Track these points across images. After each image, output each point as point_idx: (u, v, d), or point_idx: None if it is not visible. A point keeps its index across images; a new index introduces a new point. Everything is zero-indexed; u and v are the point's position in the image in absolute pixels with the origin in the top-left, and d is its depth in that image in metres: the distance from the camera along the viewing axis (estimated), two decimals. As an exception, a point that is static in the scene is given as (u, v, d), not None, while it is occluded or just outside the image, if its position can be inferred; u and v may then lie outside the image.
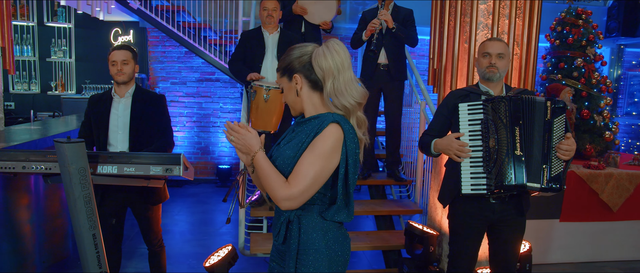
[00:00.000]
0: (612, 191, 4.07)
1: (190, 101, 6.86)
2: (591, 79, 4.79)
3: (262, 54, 3.50)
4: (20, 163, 2.07)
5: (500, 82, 2.37)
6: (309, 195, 1.41)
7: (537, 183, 2.16)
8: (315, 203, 1.48)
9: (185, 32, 5.49)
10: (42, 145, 2.97)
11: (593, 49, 4.87)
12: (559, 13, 5.07)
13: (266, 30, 3.54)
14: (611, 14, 6.86)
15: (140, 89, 2.70)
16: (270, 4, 3.46)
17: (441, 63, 3.11)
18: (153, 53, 6.80)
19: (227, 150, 7.01)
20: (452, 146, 2.26)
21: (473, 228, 2.38)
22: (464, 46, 2.98)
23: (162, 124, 2.68)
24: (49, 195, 3.23)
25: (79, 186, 2.01)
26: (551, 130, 2.15)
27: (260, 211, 3.54)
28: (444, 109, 2.42)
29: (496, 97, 2.22)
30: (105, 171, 2.10)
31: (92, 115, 2.65)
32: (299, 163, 1.41)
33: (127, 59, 2.60)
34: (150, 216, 2.74)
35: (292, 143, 1.48)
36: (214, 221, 5.13)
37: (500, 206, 2.32)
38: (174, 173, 2.10)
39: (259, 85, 3.18)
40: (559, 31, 4.98)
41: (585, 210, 4.06)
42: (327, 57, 1.44)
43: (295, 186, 1.38)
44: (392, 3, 3.79)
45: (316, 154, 1.40)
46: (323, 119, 1.45)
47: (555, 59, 4.98)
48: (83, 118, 2.71)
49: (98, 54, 6.68)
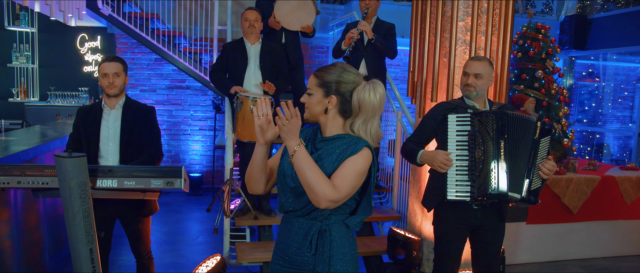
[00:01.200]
0: (572, 195, 4.36)
1: (160, 108, 6.74)
2: (551, 89, 5.12)
3: (244, 64, 3.53)
4: (15, 178, 2.01)
5: (483, 97, 2.53)
6: (343, 202, 1.54)
7: (518, 194, 2.33)
8: (339, 213, 1.61)
9: (160, 41, 5.41)
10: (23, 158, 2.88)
11: (552, 62, 5.20)
12: (521, 27, 5.39)
13: (248, 40, 3.58)
14: (563, 28, 7.33)
15: (130, 101, 2.67)
16: (251, 14, 3.51)
17: (422, 76, 3.26)
18: (121, 60, 6.64)
19: (198, 158, 6.94)
20: (437, 158, 2.39)
21: (457, 232, 2.52)
22: (444, 60, 3.14)
23: (151, 135, 2.67)
24: (26, 208, 3.12)
25: (78, 201, 1.98)
26: (537, 148, 2.32)
27: (245, 221, 3.56)
28: (431, 120, 2.55)
29: (484, 112, 2.37)
30: (105, 185, 2.07)
31: (81, 126, 2.60)
32: (341, 173, 1.52)
33: (118, 71, 2.58)
34: (140, 228, 2.72)
35: (329, 160, 1.57)
36: (189, 231, 5.07)
37: (482, 213, 2.47)
38: (175, 186, 2.11)
39: (245, 96, 3.22)
40: (521, 44, 5.29)
41: (548, 213, 4.34)
42: (370, 96, 1.54)
43: (341, 191, 1.49)
44: (374, 16, 3.92)
45: (356, 170, 1.52)
46: (355, 141, 1.57)
47: (517, 71, 5.28)
48: (59, 127, 2.65)
49: (63, 60, 6.46)
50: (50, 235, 3.49)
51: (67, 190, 1.96)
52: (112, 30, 6.45)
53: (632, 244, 4.67)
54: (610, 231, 4.57)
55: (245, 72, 3.51)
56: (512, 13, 3.08)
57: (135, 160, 2.58)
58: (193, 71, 5.57)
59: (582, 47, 7.26)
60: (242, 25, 3.53)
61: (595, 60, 7.98)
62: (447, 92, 3.09)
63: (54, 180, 2.04)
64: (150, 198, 2.36)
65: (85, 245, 2.09)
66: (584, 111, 8.11)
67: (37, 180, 2.03)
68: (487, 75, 2.48)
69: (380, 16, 4.02)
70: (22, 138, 3.28)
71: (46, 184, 2.04)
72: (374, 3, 3.81)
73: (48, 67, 6.44)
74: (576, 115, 8.13)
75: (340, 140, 1.59)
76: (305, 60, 6.39)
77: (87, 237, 2.08)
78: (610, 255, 4.59)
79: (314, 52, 7.10)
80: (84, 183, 1.97)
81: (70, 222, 2.04)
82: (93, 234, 2.09)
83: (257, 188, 1.67)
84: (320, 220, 1.60)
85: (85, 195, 1.99)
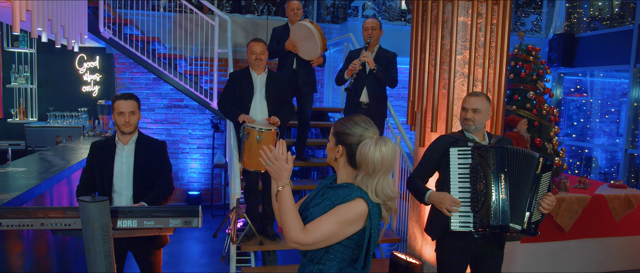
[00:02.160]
0: (564, 214, 4.50)
1: (159, 127, 6.79)
2: (542, 110, 5.27)
3: (250, 94, 3.63)
4: (38, 220, 2.08)
5: (482, 130, 2.65)
6: (315, 248, 1.60)
7: (519, 225, 2.44)
8: (336, 260, 1.64)
9: (160, 63, 5.48)
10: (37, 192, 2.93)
11: (542, 83, 5.37)
12: (512, 49, 5.55)
13: (254, 71, 3.68)
14: (552, 46, 7.54)
15: (142, 137, 2.75)
16: (258, 47, 3.61)
17: (422, 106, 3.38)
18: (120, 79, 6.69)
19: (196, 176, 6.98)
20: (445, 201, 2.49)
21: (459, 260, 2.63)
22: (443, 92, 3.26)
23: (163, 170, 2.75)
24: (37, 237, 3.17)
25: (100, 242, 2.05)
26: (539, 183, 2.44)
27: (250, 246, 3.63)
28: (434, 153, 2.66)
29: (483, 146, 2.49)
30: (125, 225, 2.15)
31: (95, 161, 2.67)
32: (320, 219, 1.59)
33: (134, 110, 2.65)
34: (153, 260, 2.78)
35: (321, 206, 1.65)
36: (191, 251, 5.12)
37: (483, 241, 2.58)
38: (192, 225, 2.19)
39: (251, 127, 3.31)
40: (513, 66, 5.45)
41: (542, 232, 4.45)
42: (371, 152, 1.57)
43: (309, 236, 1.57)
44: (377, 45, 4.04)
45: (336, 219, 1.58)
46: (352, 191, 1.62)
47: (509, 92, 5.43)
48: (63, 153, 2.69)
49: (62, 80, 6.49)
50: (58, 262, 3.54)
51: (90, 232, 2.03)
52: (111, 50, 6.49)
53: (623, 260, 4.82)
54: (601, 248, 4.72)
55: (252, 102, 3.61)
56: (507, 46, 3.22)
57: (148, 196, 2.65)
58: (192, 92, 5.63)
59: (570, 64, 7.48)
60: (248, 57, 3.63)
61: (583, 76, 8.21)
62: (446, 122, 3.21)
63: (76, 222, 2.11)
64: (165, 233, 2.44)
65: (105, 285, 2.15)
66: (572, 125, 8.32)
67: (60, 222, 2.10)
68: (484, 110, 2.60)
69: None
70: (32, 168, 3.33)
71: (68, 226, 2.11)
72: (376, 33, 3.94)
73: (47, 88, 6.46)
74: (565, 130, 8.33)
75: (343, 189, 1.65)
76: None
77: (107, 276, 2.14)
78: (603, 271, 4.73)
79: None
80: (106, 225, 2.04)
81: (92, 262, 2.10)
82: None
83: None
84: (315, 262, 1.66)
85: (107, 236, 2.06)
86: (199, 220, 2.19)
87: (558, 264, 4.56)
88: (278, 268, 3.65)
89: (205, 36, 5.78)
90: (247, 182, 3.69)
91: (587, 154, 7.97)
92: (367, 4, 7.07)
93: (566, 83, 8.18)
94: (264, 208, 3.80)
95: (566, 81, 8.18)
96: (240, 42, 6.60)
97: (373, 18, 4.18)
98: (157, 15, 6.05)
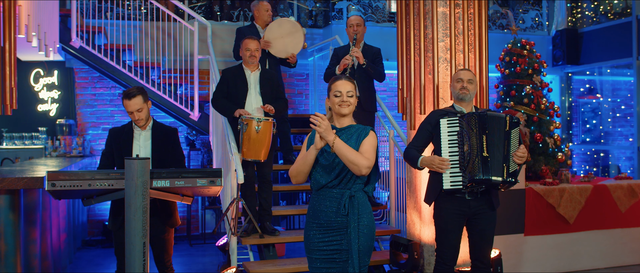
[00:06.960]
0: (567, 204, 5.75)
1: (126, 148, 7.89)
2: (540, 105, 6.63)
3: (245, 91, 4.85)
4: (86, 181, 3.21)
5: (471, 103, 3.91)
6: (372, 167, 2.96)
7: (499, 177, 3.68)
8: (358, 182, 2.98)
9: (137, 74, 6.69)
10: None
11: (539, 77, 6.75)
12: (506, 44, 6.95)
13: (248, 68, 4.92)
14: (555, 43, 9.05)
15: (157, 123, 3.93)
16: (252, 44, 4.86)
17: (410, 92, 4.66)
18: (81, 96, 7.79)
19: (169, 202, 8.04)
20: (434, 161, 3.73)
21: (455, 222, 3.83)
22: (429, 77, 4.56)
23: (178, 154, 3.92)
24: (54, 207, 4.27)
25: (141, 197, 3.20)
26: (510, 138, 3.71)
27: (250, 240, 4.77)
28: (427, 125, 3.90)
29: (467, 114, 3.76)
30: (159, 185, 3.29)
31: (114, 145, 3.82)
32: (368, 149, 2.98)
33: (140, 106, 3.79)
34: (166, 238, 3.90)
35: (350, 142, 3.00)
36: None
37: (475, 202, 3.80)
38: (216, 184, 3.35)
39: (250, 118, 4.52)
40: (508, 61, 6.83)
41: (545, 224, 5.70)
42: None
43: (371, 160, 2.96)
44: (362, 42, 5.36)
45: (373, 146, 2.98)
46: (362, 127, 3.02)
47: (506, 88, 6.80)
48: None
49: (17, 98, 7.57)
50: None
51: (133, 187, 3.17)
52: (71, 64, 7.62)
53: (632, 253, 6.06)
54: (609, 240, 5.94)
55: (247, 98, 4.83)
56: (485, 33, 4.55)
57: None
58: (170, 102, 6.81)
59: (576, 61, 8.97)
60: (242, 54, 4.88)
61: (591, 75, 9.71)
62: (433, 105, 4.49)
63: (118, 182, 3.24)
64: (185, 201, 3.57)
65: (140, 239, 3.28)
66: (588, 130, 9.74)
67: (104, 183, 3.23)
68: (475, 81, 3.89)
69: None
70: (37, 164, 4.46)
71: (111, 185, 3.24)
72: (361, 29, 5.28)
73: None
74: (580, 135, 9.74)
75: (352, 128, 3.05)
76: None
77: (142, 231, 3.27)
78: (612, 265, 5.92)
79: (293, 81, 8.50)
80: (146, 182, 3.19)
81: (131, 217, 3.23)
82: (147, 230, 3.29)
83: (304, 178, 3.08)
84: (349, 188, 2.96)
85: (146, 193, 3.20)
86: (221, 179, 3.35)
87: (566, 258, 5.72)
88: (279, 262, 4.77)
89: (184, 43, 7.03)
90: (244, 178, 4.85)
91: (605, 159, 9.34)
92: (351, 7, 8.47)
93: (575, 84, 9.66)
94: (261, 204, 4.95)
95: (575, 82, 9.66)
96: (217, 49, 7.86)
97: (355, 15, 5.51)
98: (127, 24, 7.27)
